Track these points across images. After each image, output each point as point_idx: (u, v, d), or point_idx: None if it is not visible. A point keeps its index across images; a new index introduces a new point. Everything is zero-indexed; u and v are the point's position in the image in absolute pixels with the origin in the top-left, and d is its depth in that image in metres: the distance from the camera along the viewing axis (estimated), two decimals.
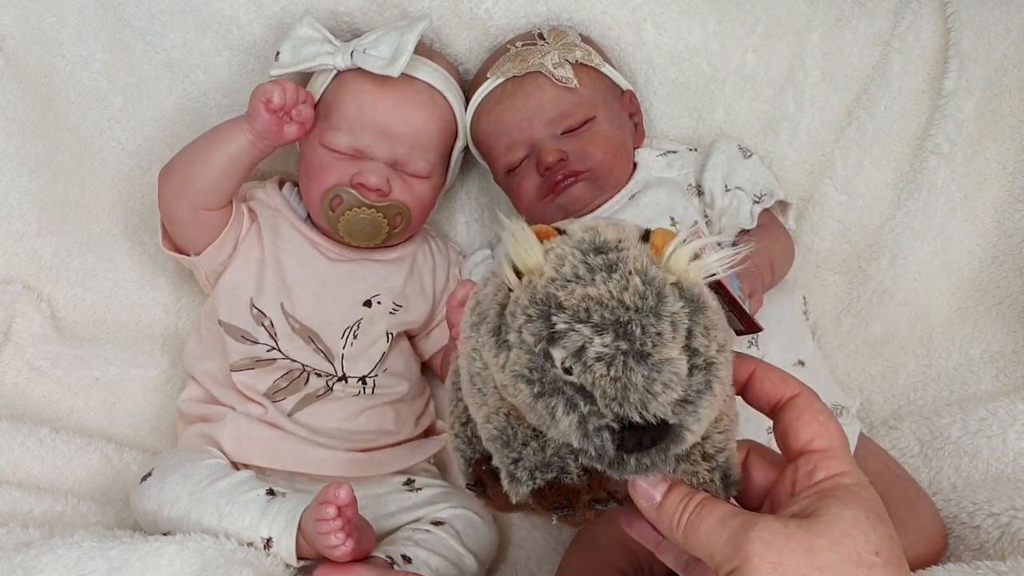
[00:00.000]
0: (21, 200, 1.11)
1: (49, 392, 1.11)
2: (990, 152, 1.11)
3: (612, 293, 0.53)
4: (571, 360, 0.53)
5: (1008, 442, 0.97)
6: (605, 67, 1.12)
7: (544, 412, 0.54)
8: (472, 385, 0.60)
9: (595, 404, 0.53)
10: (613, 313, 0.53)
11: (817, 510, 0.53)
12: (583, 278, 0.54)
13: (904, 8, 1.14)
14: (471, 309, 0.60)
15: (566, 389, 0.53)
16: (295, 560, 0.88)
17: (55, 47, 1.14)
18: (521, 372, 0.55)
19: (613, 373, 0.52)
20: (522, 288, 0.56)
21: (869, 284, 1.14)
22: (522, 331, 0.54)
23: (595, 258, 0.55)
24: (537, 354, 0.54)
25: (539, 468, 0.57)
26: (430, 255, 1.17)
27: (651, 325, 0.53)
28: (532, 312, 0.54)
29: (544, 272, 0.55)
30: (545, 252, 0.56)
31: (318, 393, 1.04)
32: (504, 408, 0.58)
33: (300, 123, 1.04)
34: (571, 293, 0.54)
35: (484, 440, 0.59)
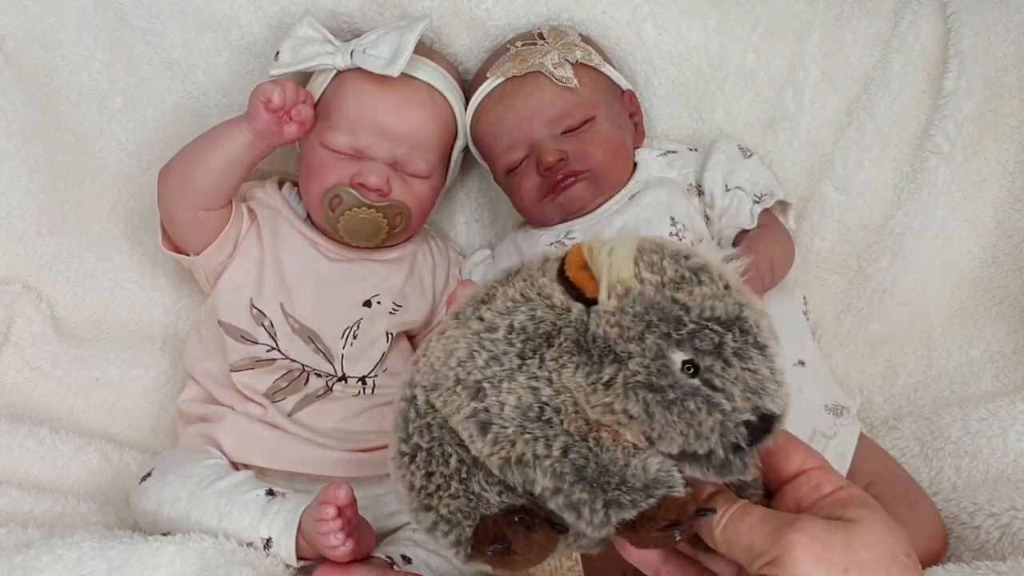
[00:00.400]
0: (21, 200, 1.11)
1: (49, 392, 1.11)
2: (990, 152, 1.11)
3: (722, 291, 0.54)
4: (709, 359, 0.53)
5: (1008, 442, 0.97)
6: (605, 67, 1.12)
7: (677, 419, 0.53)
8: (531, 420, 0.55)
9: (734, 400, 0.53)
10: (732, 309, 0.54)
11: (843, 515, 0.54)
12: (690, 279, 0.54)
13: (904, 8, 1.14)
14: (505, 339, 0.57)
15: (702, 390, 0.53)
16: (295, 560, 0.88)
17: (55, 47, 1.14)
18: (646, 381, 0.53)
19: (751, 366, 0.53)
20: (622, 298, 0.54)
21: (869, 284, 1.14)
22: (645, 338, 0.53)
23: (688, 262, 0.55)
24: (667, 359, 0.53)
25: (649, 486, 0.54)
26: (430, 255, 1.17)
27: (759, 318, 0.54)
28: (653, 317, 0.54)
29: (646, 279, 0.55)
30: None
31: (318, 393, 1.04)
32: (592, 432, 0.55)
33: (300, 123, 1.04)
34: (691, 294, 0.54)
35: (555, 477, 0.55)
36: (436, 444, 0.59)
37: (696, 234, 1.07)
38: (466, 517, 0.58)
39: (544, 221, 1.11)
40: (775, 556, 0.53)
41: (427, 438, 0.59)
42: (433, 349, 0.60)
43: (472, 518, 0.58)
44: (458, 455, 0.58)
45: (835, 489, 0.58)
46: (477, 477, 0.58)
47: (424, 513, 0.59)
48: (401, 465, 0.60)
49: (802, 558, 0.52)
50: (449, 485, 0.58)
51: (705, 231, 1.09)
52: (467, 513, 0.58)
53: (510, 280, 0.60)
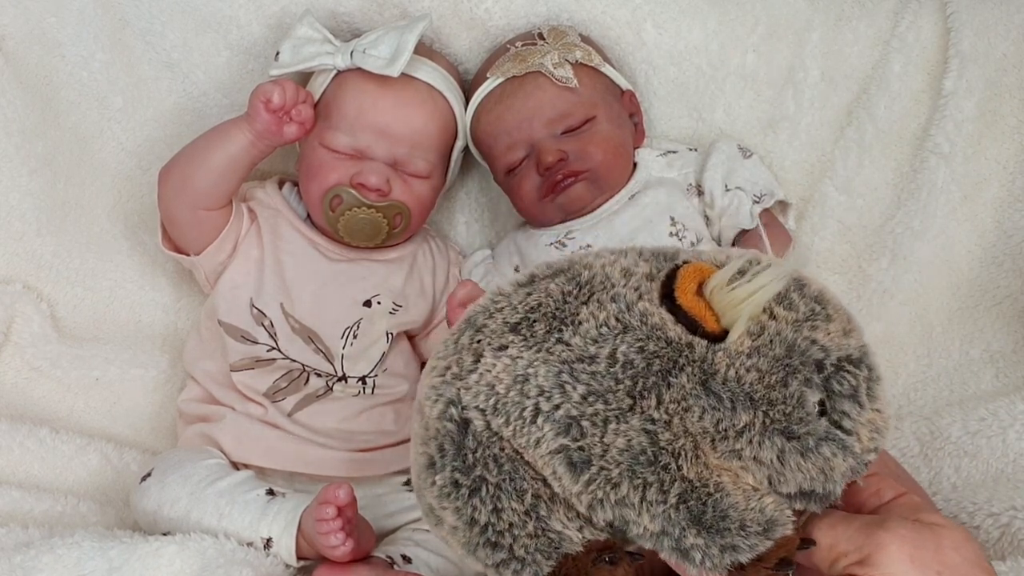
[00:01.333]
0: (21, 200, 1.11)
1: (49, 392, 1.11)
2: (990, 152, 1.11)
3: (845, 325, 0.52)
4: (847, 403, 0.51)
5: (1008, 442, 0.97)
6: (605, 67, 1.12)
7: (811, 465, 0.51)
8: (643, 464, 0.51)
9: (863, 442, 0.51)
10: (857, 345, 0.51)
11: (921, 519, 0.54)
12: (820, 315, 0.52)
13: (904, 8, 1.14)
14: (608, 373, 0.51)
15: (836, 434, 0.51)
16: (295, 560, 0.88)
17: (55, 47, 1.14)
18: (784, 429, 0.50)
19: (878, 406, 0.51)
20: (757, 337, 0.51)
21: (869, 284, 1.14)
22: (788, 384, 0.50)
23: (808, 290, 0.53)
24: (806, 406, 0.50)
25: (769, 529, 0.52)
26: (430, 255, 1.17)
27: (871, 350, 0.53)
28: (796, 362, 0.50)
29: (778, 315, 0.51)
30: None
31: (318, 393, 1.04)
32: (712, 478, 0.51)
33: (300, 123, 1.04)
34: (827, 333, 0.51)
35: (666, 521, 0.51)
36: (507, 479, 0.53)
37: (696, 234, 1.07)
38: (545, 556, 0.54)
39: (544, 221, 1.11)
40: (865, 555, 0.52)
41: (495, 472, 0.53)
42: (490, 367, 0.54)
43: (551, 556, 0.54)
44: (534, 490, 0.53)
45: (897, 495, 0.57)
46: (557, 514, 0.53)
47: (490, 551, 0.54)
48: (458, 497, 0.54)
49: (896, 557, 0.51)
50: (525, 523, 0.53)
51: (705, 231, 1.09)
52: (546, 552, 0.54)
53: (592, 298, 0.54)
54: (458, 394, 0.55)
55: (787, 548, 0.53)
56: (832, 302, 0.53)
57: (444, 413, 0.55)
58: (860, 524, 0.54)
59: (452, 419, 0.55)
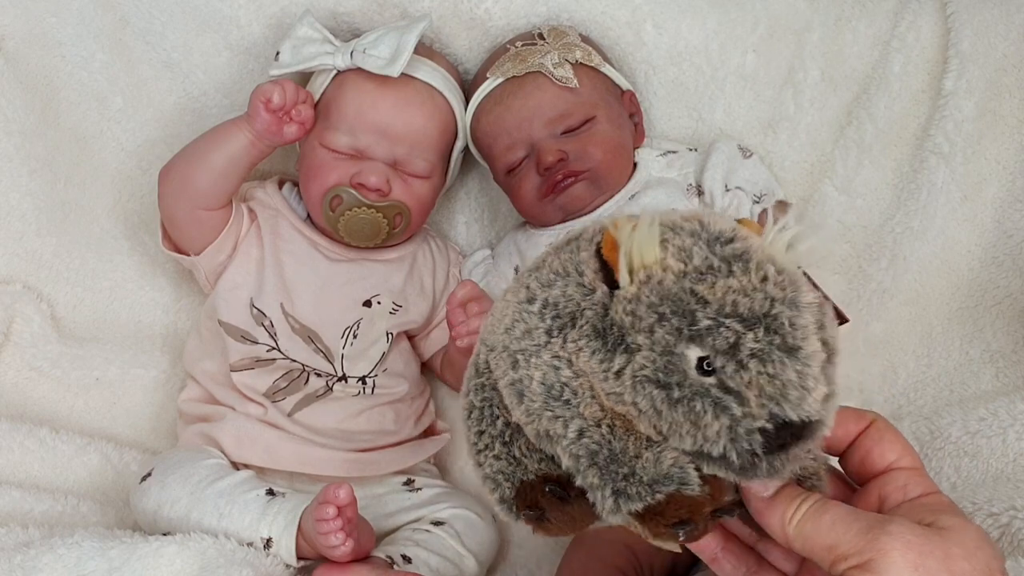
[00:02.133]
0: (21, 200, 1.11)
1: (49, 392, 1.11)
2: (990, 152, 1.11)
3: (754, 284, 0.50)
4: (722, 359, 0.49)
5: (1008, 442, 0.97)
6: (605, 67, 1.12)
7: (682, 418, 0.50)
8: (552, 398, 0.54)
9: (747, 405, 0.49)
10: (760, 305, 0.49)
11: (937, 521, 0.51)
12: (719, 269, 0.50)
13: (904, 8, 1.14)
14: (539, 313, 0.55)
15: (712, 391, 0.50)
16: (295, 560, 0.88)
17: (55, 47, 1.14)
18: (652, 376, 0.50)
19: (770, 370, 0.49)
20: (642, 285, 0.51)
21: (869, 284, 1.14)
22: (654, 331, 0.50)
23: (722, 248, 0.51)
24: (676, 355, 0.50)
25: (658, 481, 0.52)
26: (430, 255, 1.17)
27: (796, 316, 0.50)
28: (666, 309, 0.50)
29: (669, 266, 0.51)
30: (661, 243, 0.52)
31: (318, 393, 1.04)
32: (606, 419, 0.53)
33: (300, 123, 1.04)
34: (712, 286, 0.50)
35: (572, 458, 0.54)
36: (487, 404, 0.60)
37: None
38: (507, 479, 0.59)
39: (544, 221, 1.11)
40: (867, 559, 0.49)
41: (480, 397, 0.60)
42: (495, 309, 0.60)
43: (512, 481, 0.58)
44: (504, 418, 0.59)
45: (924, 493, 0.54)
46: (519, 442, 0.58)
47: (476, 468, 0.61)
48: (464, 418, 0.61)
49: (899, 564, 0.48)
50: (494, 446, 0.59)
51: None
52: (507, 476, 0.59)
53: (562, 249, 0.58)
54: (483, 333, 0.61)
55: (690, 509, 0.52)
56: (751, 261, 0.51)
57: (476, 349, 0.62)
58: (863, 525, 0.51)
59: (477, 353, 0.61)
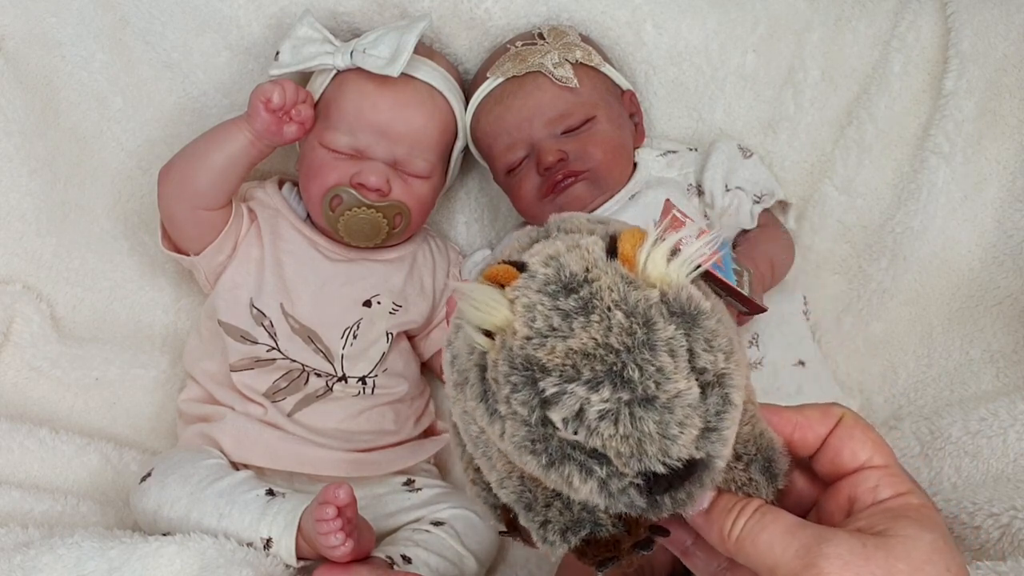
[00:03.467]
0: (21, 200, 1.11)
1: (49, 392, 1.11)
2: (990, 152, 1.11)
3: (596, 340, 0.47)
4: (574, 424, 0.47)
5: (1008, 442, 0.97)
6: (605, 67, 1.12)
7: (560, 480, 0.49)
8: (475, 447, 0.54)
9: (611, 464, 0.48)
10: (603, 362, 0.47)
11: (889, 529, 0.48)
12: (560, 329, 0.47)
13: (904, 8, 1.14)
14: (449, 364, 0.54)
15: (575, 455, 0.48)
16: (295, 560, 0.88)
17: (55, 47, 1.14)
18: (522, 444, 0.49)
19: (623, 430, 0.46)
20: (498, 351, 0.49)
21: (869, 284, 1.14)
22: (511, 401, 0.48)
23: (566, 300, 0.48)
24: (535, 424, 0.48)
25: (570, 528, 0.52)
26: (430, 255, 1.17)
27: (648, 362, 0.47)
28: (516, 380, 0.48)
29: (516, 330, 0.48)
30: (511, 302, 0.49)
31: (318, 393, 1.04)
32: (516, 472, 0.53)
33: (300, 123, 1.04)
34: (552, 351, 0.47)
35: (504, 501, 0.54)
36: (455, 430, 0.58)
37: None
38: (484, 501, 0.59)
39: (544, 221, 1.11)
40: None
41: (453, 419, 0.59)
42: None
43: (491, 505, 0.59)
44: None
45: (893, 495, 0.51)
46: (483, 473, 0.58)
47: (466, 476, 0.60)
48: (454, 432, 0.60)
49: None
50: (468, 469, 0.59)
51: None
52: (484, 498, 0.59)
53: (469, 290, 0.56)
54: None
55: (608, 548, 0.53)
56: (599, 307, 0.48)
57: None
58: (800, 545, 0.48)
59: None
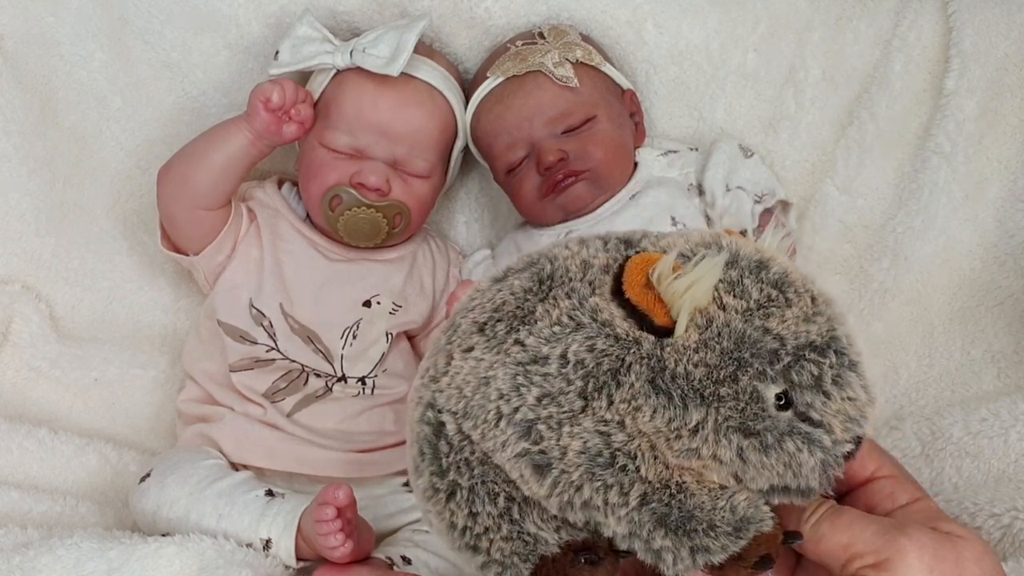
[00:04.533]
0: (20, 200, 1.11)
1: (48, 392, 1.11)
2: (992, 152, 1.11)
3: (812, 308, 0.48)
4: (809, 393, 0.48)
5: (1010, 442, 0.96)
6: (606, 66, 1.12)
7: (775, 462, 0.49)
8: (600, 466, 0.49)
9: (834, 432, 0.48)
10: (824, 330, 0.48)
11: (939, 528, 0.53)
12: (778, 300, 0.49)
13: (905, 7, 1.14)
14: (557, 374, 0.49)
15: (799, 427, 0.48)
16: (294, 561, 0.88)
17: (54, 46, 1.14)
18: (739, 426, 0.48)
19: (850, 393, 0.48)
20: (704, 330, 0.48)
21: (870, 284, 1.14)
22: (739, 378, 0.48)
23: (767, 275, 0.49)
24: (762, 399, 0.48)
25: (739, 528, 0.50)
26: (430, 255, 1.17)
27: (845, 329, 0.49)
28: (745, 354, 0.48)
29: (728, 304, 0.48)
30: None
31: (317, 394, 1.04)
32: (675, 479, 0.50)
33: (299, 122, 1.04)
34: (783, 320, 0.48)
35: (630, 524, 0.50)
36: (479, 483, 0.52)
37: None
38: (522, 559, 0.53)
39: (544, 221, 1.11)
40: (883, 559, 0.51)
41: (467, 476, 0.53)
42: (459, 369, 0.53)
43: (528, 559, 0.53)
44: (507, 493, 0.52)
45: (912, 500, 0.56)
46: (531, 516, 0.53)
47: (471, 554, 0.53)
48: (437, 501, 0.54)
49: (915, 566, 0.50)
50: (499, 527, 0.53)
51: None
52: (523, 555, 0.53)
53: (549, 294, 0.52)
54: (433, 396, 0.54)
55: (768, 545, 0.51)
56: (795, 285, 0.50)
57: (423, 416, 0.54)
58: (879, 527, 0.52)
59: (429, 422, 0.54)
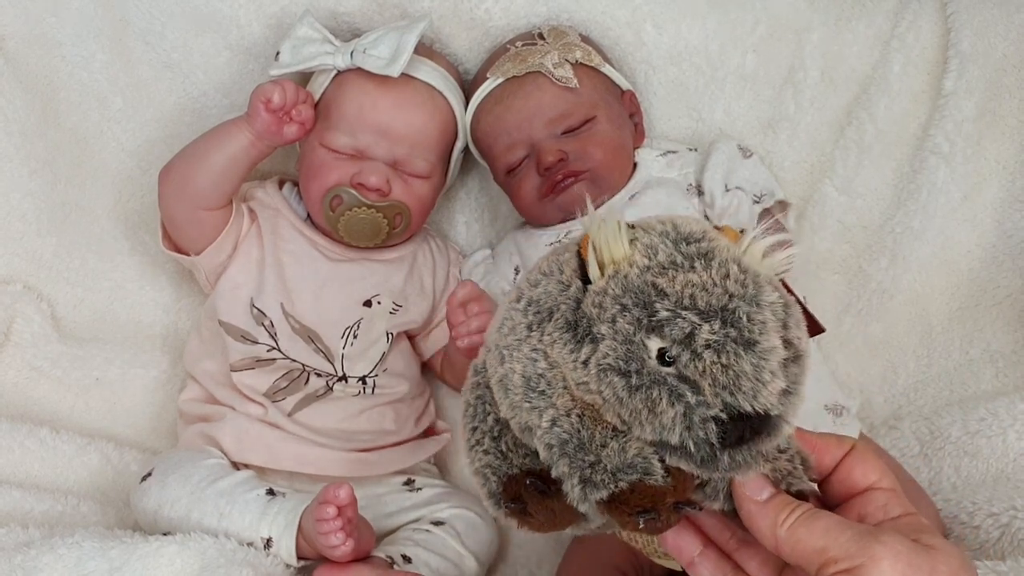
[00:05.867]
0: (21, 200, 1.12)
1: (49, 392, 1.11)
2: (990, 152, 1.11)
3: (715, 280, 0.52)
4: (678, 348, 0.52)
5: (1008, 442, 0.97)
6: (605, 67, 1.12)
7: (641, 406, 0.52)
8: (530, 390, 0.57)
9: (702, 394, 0.51)
10: (719, 300, 0.52)
11: (923, 539, 0.53)
12: (681, 265, 0.53)
13: (904, 8, 1.14)
14: (523, 311, 0.58)
15: (669, 379, 0.52)
16: (295, 560, 0.88)
17: (55, 47, 1.14)
18: (614, 364, 0.53)
19: (724, 360, 0.51)
20: (609, 279, 0.54)
21: (869, 284, 1.14)
22: (616, 321, 0.53)
23: (687, 247, 0.54)
24: (636, 344, 0.52)
25: (621, 470, 0.54)
26: (430, 255, 1.17)
27: (755, 313, 0.52)
28: (628, 301, 0.53)
29: (635, 261, 0.54)
30: (631, 242, 0.55)
31: (318, 393, 1.04)
32: (576, 409, 0.55)
33: (300, 123, 1.04)
34: (672, 280, 0.53)
35: (546, 448, 0.56)
36: (480, 402, 0.62)
37: None
38: (494, 473, 0.60)
39: (544, 221, 1.11)
40: (856, 565, 0.51)
41: (474, 395, 0.63)
42: (497, 311, 0.63)
43: (499, 475, 0.60)
44: (494, 414, 0.61)
45: (903, 514, 0.56)
46: (506, 438, 0.60)
47: (468, 463, 0.62)
48: (463, 414, 0.64)
49: (888, 573, 0.50)
50: (484, 441, 0.61)
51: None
52: (495, 469, 0.60)
53: (554, 253, 0.61)
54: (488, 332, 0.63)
55: (651, 499, 0.54)
56: (715, 259, 0.54)
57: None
58: (855, 533, 0.52)
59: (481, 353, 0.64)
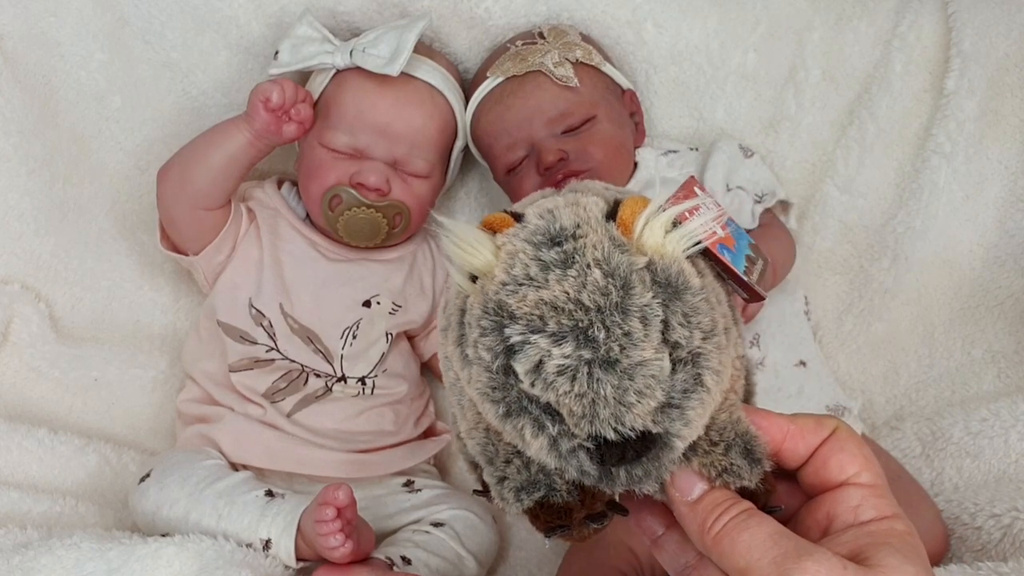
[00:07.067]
0: (19, 200, 1.11)
1: (47, 392, 1.11)
2: (992, 152, 1.11)
3: (568, 293, 0.46)
4: (530, 377, 0.47)
5: (1010, 443, 0.97)
6: (606, 66, 1.12)
7: (513, 433, 0.48)
8: (452, 396, 0.54)
9: (564, 423, 0.47)
10: (571, 317, 0.46)
11: (871, 558, 0.46)
12: (535, 279, 0.47)
13: (905, 7, 1.14)
14: (441, 310, 0.54)
15: (531, 408, 0.47)
16: (294, 561, 0.88)
17: (54, 46, 1.14)
18: (484, 391, 0.49)
19: (578, 388, 0.46)
20: (476, 294, 0.49)
21: (871, 284, 1.14)
22: (478, 346, 0.48)
23: (549, 252, 0.48)
24: (496, 372, 0.48)
25: (525, 488, 0.51)
26: (430, 255, 1.17)
27: (617, 325, 0.46)
28: (485, 324, 0.48)
29: (496, 275, 0.48)
30: (497, 248, 0.49)
31: (317, 394, 1.04)
32: (482, 423, 0.52)
33: (299, 122, 1.04)
34: (523, 299, 0.47)
35: (474, 450, 0.54)
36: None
37: None
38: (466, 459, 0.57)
39: None
40: None
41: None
42: None
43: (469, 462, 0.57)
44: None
45: (876, 517, 0.50)
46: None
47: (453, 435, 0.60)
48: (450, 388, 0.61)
49: None
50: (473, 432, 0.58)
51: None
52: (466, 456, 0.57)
53: None
54: None
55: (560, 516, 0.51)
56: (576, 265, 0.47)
57: None
58: (779, 554, 0.46)
59: None
